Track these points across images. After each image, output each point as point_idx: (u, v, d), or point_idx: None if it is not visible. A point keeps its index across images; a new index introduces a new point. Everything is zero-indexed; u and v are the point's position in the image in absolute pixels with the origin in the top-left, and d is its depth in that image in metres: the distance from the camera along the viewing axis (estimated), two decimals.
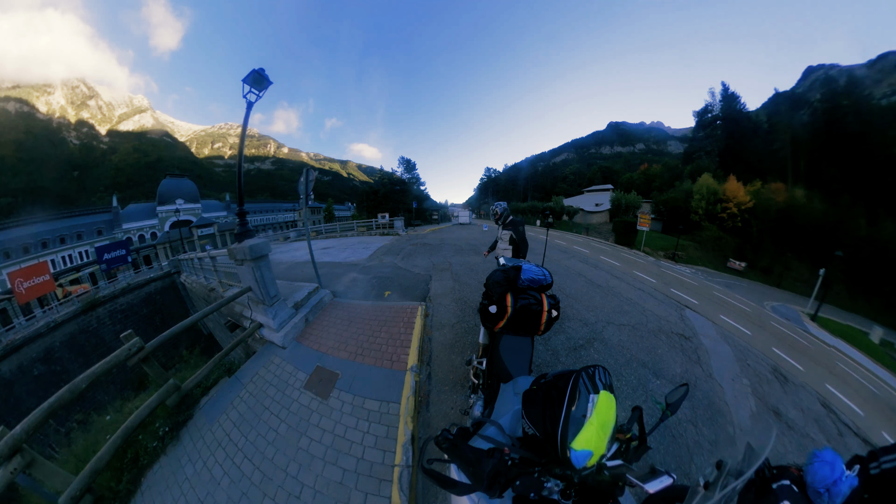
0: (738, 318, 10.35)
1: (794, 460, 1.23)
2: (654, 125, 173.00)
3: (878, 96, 44.41)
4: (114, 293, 19.31)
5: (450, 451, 0.98)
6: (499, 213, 4.96)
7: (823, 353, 11.86)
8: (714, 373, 5.22)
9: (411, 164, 48.55)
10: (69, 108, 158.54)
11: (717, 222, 35.98)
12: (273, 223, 63.46)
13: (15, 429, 2.05)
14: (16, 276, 19.49)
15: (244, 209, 4.88)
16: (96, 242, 37.69)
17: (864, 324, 21.71)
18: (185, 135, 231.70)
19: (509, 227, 4.77)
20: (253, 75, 4.63)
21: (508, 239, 4.73)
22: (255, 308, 5.01)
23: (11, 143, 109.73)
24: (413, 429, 2.86)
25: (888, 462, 1.03)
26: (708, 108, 55.69)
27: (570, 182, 75.15)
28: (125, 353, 2.84)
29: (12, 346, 14.19)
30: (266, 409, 3.30)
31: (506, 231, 4.80)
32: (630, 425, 1.03)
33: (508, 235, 4.73)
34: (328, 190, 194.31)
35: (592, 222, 43.37)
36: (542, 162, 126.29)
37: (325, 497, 2.32)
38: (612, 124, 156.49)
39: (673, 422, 3.47)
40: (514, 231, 4.68)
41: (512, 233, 4.68)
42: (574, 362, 4.43)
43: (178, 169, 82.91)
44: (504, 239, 4.85)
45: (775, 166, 43.12)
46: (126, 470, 2.75)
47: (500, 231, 4.96)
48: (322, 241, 18.71)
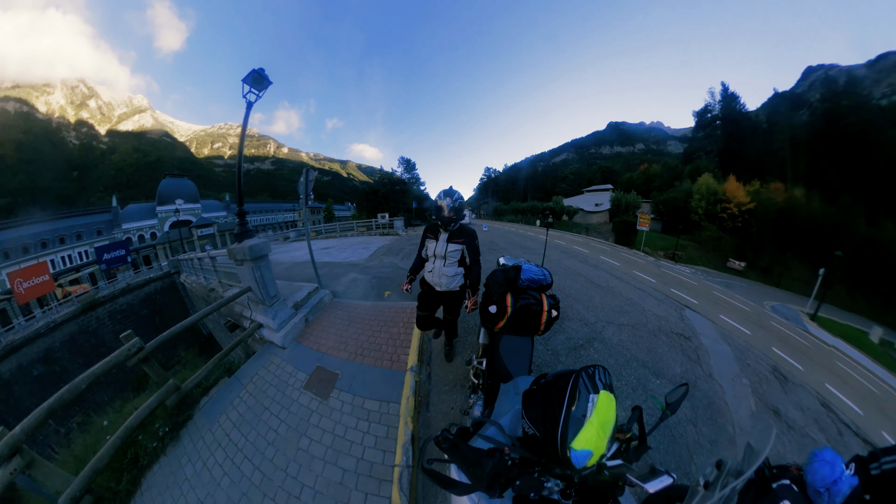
0: (737, 317, 10.35)
1: (793, 460, 1.23)
2: (654, 125, 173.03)
3: (878, 96, 44.45)
4: (113, 293, 19.31)
5: (450, 451, 0.98)
6: (446, 210, 2.76)
7: (823, 352, 11.87)
8: (714, 372, 5.22)
9: (411, 164, 48.57)
10: (69, 108, 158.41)
11: (716, 222, 36.01)
12: (273, 223, 63.45)
13: (14, 429, 2.05)
14: (15, 276, 19.49)
15: (244, 209, 4.87)
16: (96, 242, 37.65)
17: (864, 323, 21.72)
18: (184, 135, 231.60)
19: (460, 240, 2.89)
20: (253, 75, 4.63)
21: (459, 257, 2.93)
22: (254, 308, 5.01)
23: (11, 143, 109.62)
24: (413, 429, 2.86)
25: (889, 463, 1.03)
26: (707, 108, 55.77)
27: (570, 182, 75.09)
28: (125, 353, 2.84)
29: (12, 347, 14.18)
30: (266, 409, 3.30)
31: (455, 245, 2.88)
32: (630, 425, 1.03)
33: (459, 251, 2.90)
34: (328, 190, 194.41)
35: (592, 222, 43.37)
36: (541, 162, 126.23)
37: (325, 497, 2.32)
38: (611, 124, 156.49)
39: (673, 421, 3.47)
40: (469, 246, 2.92)
41: (465, 248, 2.90)
42: (574, 362, 4.43)
43: (178, 169, 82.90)
44: (452, 258, 2.91)
45: (775, 166, 43.17)
46: (126, 470, 2.74)
47: (445, 244, 2.89)
48: (322, 241, 18.71)
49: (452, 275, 3.00)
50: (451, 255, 2.93)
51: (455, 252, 2.93)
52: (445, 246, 2.92)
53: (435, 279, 3.06)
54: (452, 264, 2.98)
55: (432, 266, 3.04)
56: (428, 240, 3.03)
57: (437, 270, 3.01)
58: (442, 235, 2.95)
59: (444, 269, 2.97)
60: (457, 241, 2.91)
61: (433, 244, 2.99)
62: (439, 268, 2.99)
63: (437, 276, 3.02)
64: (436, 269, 3.02)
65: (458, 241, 2.91)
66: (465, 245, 2.93)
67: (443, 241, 2.93)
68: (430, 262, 3.06)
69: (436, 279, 3.05)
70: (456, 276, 3.03)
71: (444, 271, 2.98)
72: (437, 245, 2.96)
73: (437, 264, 3.00)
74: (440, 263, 2.98)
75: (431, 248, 3.00)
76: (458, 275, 3.04)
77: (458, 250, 2.93)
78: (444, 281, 3.00)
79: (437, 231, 2.98)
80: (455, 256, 2.95)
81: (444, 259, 2.95)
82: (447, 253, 2.92)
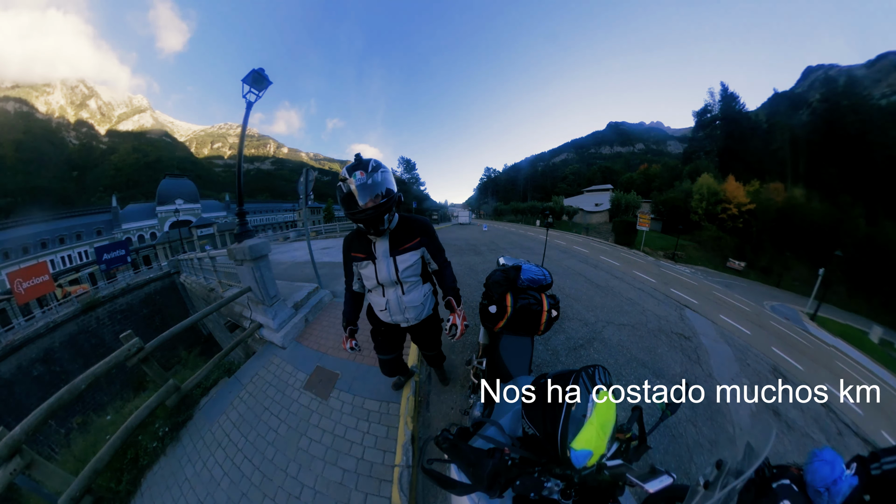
0: (737, 317, 10.36)
1: (793, 460, 1.23)
2: (654, 125, 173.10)
3: (878, 96, 44.48)
4: (113, 293, 19.30)
5: (450, 452, 0.98)
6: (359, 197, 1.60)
7: (823, 352, 11.87)
8: (714, 372, 5.22)
9: (411, 164, 48.73)
10: (68, 108, 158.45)
11: (716, 222, 36.05)
12: (273, 223, 63.44)
13: (14, 429, 2.05)
14: (15, 276, 19.48)
15: (244, 209, 4.87)
16: (96, 243, 37.65)
17: (864, 323, 21.74)
18: (184, 135, 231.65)
19: (411, 242, 1.90)
20: (252, 75, 4.63)
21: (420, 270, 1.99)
22: (254, 308, 5.00)
23: (11, 143, 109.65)
24: (413, 429, 2.85)
25: (889, 463, 1.03)
26: (707, 108, 55.89)
27: (570, 182, 75.18)
28: (125, 353, 2.84)
29: (11, 347, 14.17)
30: (266, 409, 3.30)
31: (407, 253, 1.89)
32: (630, 425, 1.03)
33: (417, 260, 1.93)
34: (328, 190, 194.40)
35: (592, 222, 43.40)
36: (541, 162, 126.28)
37: (325, 497, 2.32)
38: (611, 124, 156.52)
39: (673, 421, 3.47)
40: (429, 244, 1.97)
41: (424, 250, 1.98)
42: (574, 362, 4.43)
43: (178, 169, 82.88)
44: (410, 275, 1.93)
45: (774, 166, 43.22)
46: (126, 470, 2.74)
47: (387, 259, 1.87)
48: (322, 241, 18.71)
49: (420, 301, 2.00)
50: (407, 271, 1.86)
51: (411, 265, 1.86)
52: (390, 262, 1.82)
53: (396, 317, 2.03)
54: (415, 285, 1.95)
55: (383, 301, 1.96)
56: (356, 262, 1.92)
57: (393, 305, 1.96)
58: (379, 246, 1.82)
59: (406, 297, 1.94)
60: (407, 247, 1.84)
61: (369, 268, 1.86)
62: (396, 300, 1.94)
63: (396, 312, 2.00)
64: (391, 304, 1.95)
65: (408, 246, 1.84)
66: (422, 246, 1.90)
67: (384, 256, 1.82)
68: (377, 296, 1.98)
69: (397, 317, 2.03)
70: (427, 299, 2.05)
71: (407, 301, 1.95)
72: (378, 266, 1.83)
73: (392, 295, 1.93)
74: (394, 293, 1.92)
75: (369, 274, 1.88)
76: (427, 295, 2.06)
77: (415, 259, 1.88)
78: (410, 315, 2.02)
79: (366, 243, 1.85)
80: (413, 271, 1.90)
81: (399, 283, 1.89)
82: (400, 272, 1.84)
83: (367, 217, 1.64)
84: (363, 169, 1.60)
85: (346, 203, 1.65)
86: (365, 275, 1.93)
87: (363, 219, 1.65)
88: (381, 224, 1.70)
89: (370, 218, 1.64)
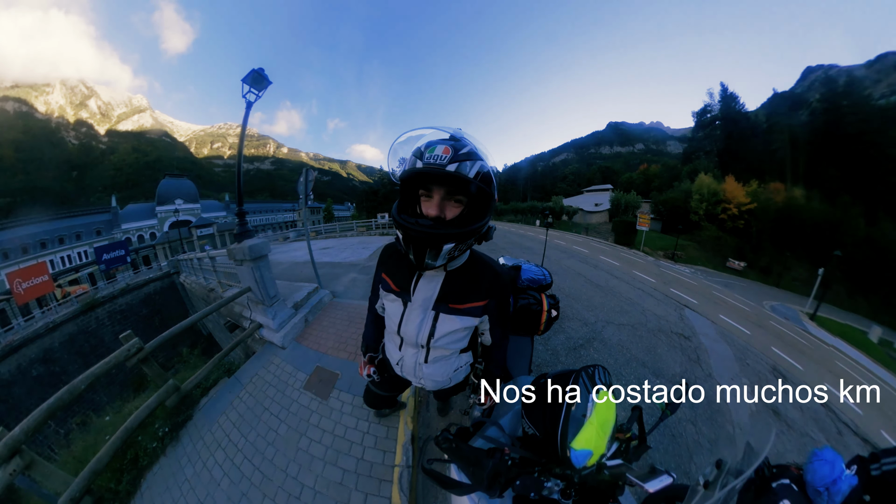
0: (737, 317, 10.36)
1: (793, 459, 1.23)
2: (654, 125, 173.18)
3: (877, 96, 44.56)
4: (113, 294, 19.28)
5: (450, 451, 0.98)
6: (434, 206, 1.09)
7: (822, 352, 11.88)
8: (714, 372, 5.23)
9: None
10: (68, 108, 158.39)
11: (716, 222, 36.08)
12: (272, 223, 63.45)
13: (14, 430, 2.04)
14: (14, 276, 19.48)
15: (243, 209, 4.86)
16: (95, 243, 37.64)
17: (863, 323, 21.77)
18: (184, 135, 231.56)
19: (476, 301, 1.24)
20: (252, 75, 4.62)
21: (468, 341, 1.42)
22: (254, 308, 5.00)
23: (10, 143, 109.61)
24: (413, 429, 2.85)
25: (889, 464, 1.03)
26: (707, 108, 55.93)
27: (570, 182, 75.20)
28: (124, 353, 2.83)
29: (11, 347, 14.16)
30: (266, 409, 3.30)
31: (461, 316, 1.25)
32: (630, 425, 1.03)
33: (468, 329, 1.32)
34: (327, 190, 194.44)
35: (592, 222, 43.39)
36: (541, 162, 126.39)
37: (325, 497, 2.32)
38: (611, 124, 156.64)
39: (673, 421, 3.47)
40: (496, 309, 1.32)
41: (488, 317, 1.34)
42: (574, 362, 4.43)
43: (178, 169, 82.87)
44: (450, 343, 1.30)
45: (774, 166, 43.25)
46: (126, 471, 2.74)
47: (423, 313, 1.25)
48: (321, 241, 18.70)
49: (447, 377, 1.43)
50: (446, 339, 1.28)
51: (455, 332, 1.27)
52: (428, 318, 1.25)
53: (408, 376, 1.51)
54: (451, 355, 1.37)
55: (398, 355, 1.45)
56: (385, 293, 1.39)
57: (408, 367, 1.43)
58: (423, 286, 1.24)
59: (428, 368, 1.37)
60: (465, 307, 1.23)
61: (395, 306, 1.32)
62: (413, 365, 1.40)
63: (411, 373, 1.45)
64: (405, 365, 1.44)
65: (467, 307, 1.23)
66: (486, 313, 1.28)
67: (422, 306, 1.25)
68: (393, 345, 1.47)
69: (410, 377, 1.50)
70: (457, 374, 1.46)
71: (428, 373, 1.39)
72: (408, 315, 1.28)
73: (409, 356, 1.39)
74: (414, 356, 1.38)
75: (393, 313, 1.35)
76: (461, 369, 1.47)
77: (467, 325, 1.27)
78: (427, 384, 1.47)
79: (406, 270, 1.28)
80: (455, 339, 1.30)
81: (427, 349, 1.32)
82: (436, 337, 1.27)
83: (417, 236, 1.01)
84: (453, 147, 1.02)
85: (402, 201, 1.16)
86: (388, 311, 1.39)
87: (413, 237, 1.02)
88: (437, 258, 1.05)
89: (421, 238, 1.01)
